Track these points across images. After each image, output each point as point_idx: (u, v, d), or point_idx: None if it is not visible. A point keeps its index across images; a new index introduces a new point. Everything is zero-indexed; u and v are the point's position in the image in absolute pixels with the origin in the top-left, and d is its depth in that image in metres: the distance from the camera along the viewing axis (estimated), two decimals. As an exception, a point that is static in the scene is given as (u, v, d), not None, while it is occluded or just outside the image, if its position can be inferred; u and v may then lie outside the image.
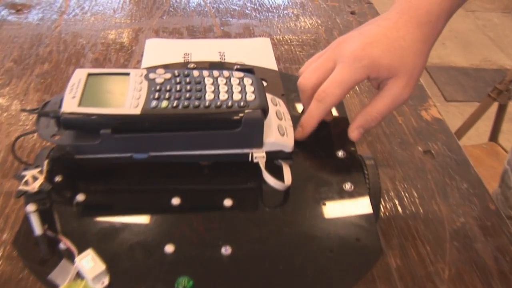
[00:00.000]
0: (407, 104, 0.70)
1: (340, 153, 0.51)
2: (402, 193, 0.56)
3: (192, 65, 0.62)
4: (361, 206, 0.46)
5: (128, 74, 0.47)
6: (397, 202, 0.55)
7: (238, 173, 0.48)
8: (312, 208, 0.45)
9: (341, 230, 0.44)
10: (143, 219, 0.44)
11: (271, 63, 0.77)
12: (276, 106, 0.50)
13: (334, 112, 0.57)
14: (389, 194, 0.56)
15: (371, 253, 0.43)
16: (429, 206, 0.55)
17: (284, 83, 0.61)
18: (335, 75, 0.47)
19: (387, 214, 0.53)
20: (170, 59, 0.75)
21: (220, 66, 0.68)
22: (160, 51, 0.80)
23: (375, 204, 0.47)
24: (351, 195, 0.47)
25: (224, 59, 0.77)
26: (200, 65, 0.63)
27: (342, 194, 0.47)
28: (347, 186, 0.48)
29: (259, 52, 0.80)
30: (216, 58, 0.77)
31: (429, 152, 0.62)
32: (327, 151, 0.52)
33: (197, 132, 0.44)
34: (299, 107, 0.57)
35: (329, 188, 0.47)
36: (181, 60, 0.76)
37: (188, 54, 0.78)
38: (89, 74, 0.47)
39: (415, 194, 0.56)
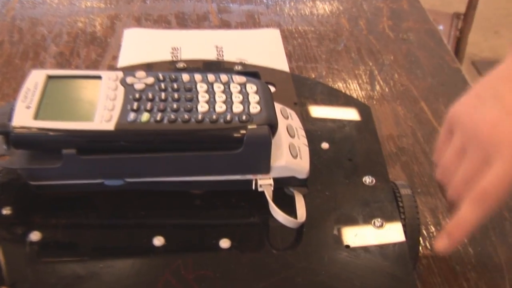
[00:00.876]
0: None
1: (368, 180, 0.50)
2: (447, 230, 0.55)
3: (181, 65, 0.62)
4: (394, 249, 0.45)
5: (99, 77, 0.47)
6: (440, 241, 0.54)
7: (238, 205, 0.47)
8: (332, 251, 0.44)
9: (370, 281, 0.43)
10: (116, 264, 0.42)
11: (280, 61, 0.76)
12: (287, 119, 0.50)
13: (359, 123, 0.57)
14: (430, 231, 0.55)
15: (408, 311, 0.42)
16: (482, 247, 0.53)
17: (298, 88, 0.61)
18: (497, 171, 0.44)
19: (427, 256, 0.52)
20: (155, 55, 0.75)
21: (216, 66, 0.68)
22: (142, 44, 0.79)
23: (413, 246, 0.46)
24: (381, 234, 0.46)
25: (222, 55, 0.76)
26: (192, 65, 0.62)
27: (371, 234, 0.46)
28: (377, 223, 0.47)
29: (265, 47, 0.80)
30: (212, 54, 0.76)
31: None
32: (351, 176, 0.51)
33: (186, 154, 0.44)
34: (317, 116, 0.56)
35: (354, 226, 0.46)
36: (168, 56, 0.75)
37: (177, 49, 0.77)
38: (49, 77, 0.46)
39: (464, 232, 0.55)
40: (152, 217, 0.47)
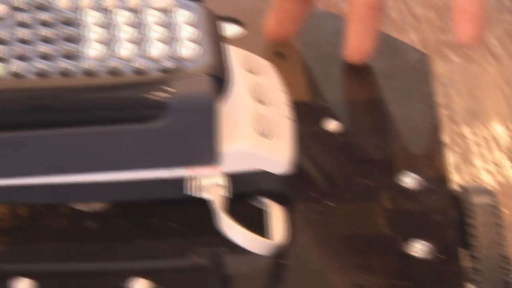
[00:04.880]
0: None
1: (408, 179, 0.42)
2: None
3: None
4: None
5: None
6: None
7: (165, 229, 0.40)
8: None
9: None
10: None
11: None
12: (254, 74, 0.43)
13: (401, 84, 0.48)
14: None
15: None
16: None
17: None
18: None
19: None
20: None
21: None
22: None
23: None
24: (427, 268, 0.38)
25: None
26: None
27: (407, 266, 0.38)
28: (419, 248, 0.38)
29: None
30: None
31: None
32: (379, 175, 0.43)
33: (68, 131, 0.36)
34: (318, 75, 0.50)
35: (379, 254, 0.38)
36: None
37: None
38: None
39: None
40: (13, 256, 0.38)
